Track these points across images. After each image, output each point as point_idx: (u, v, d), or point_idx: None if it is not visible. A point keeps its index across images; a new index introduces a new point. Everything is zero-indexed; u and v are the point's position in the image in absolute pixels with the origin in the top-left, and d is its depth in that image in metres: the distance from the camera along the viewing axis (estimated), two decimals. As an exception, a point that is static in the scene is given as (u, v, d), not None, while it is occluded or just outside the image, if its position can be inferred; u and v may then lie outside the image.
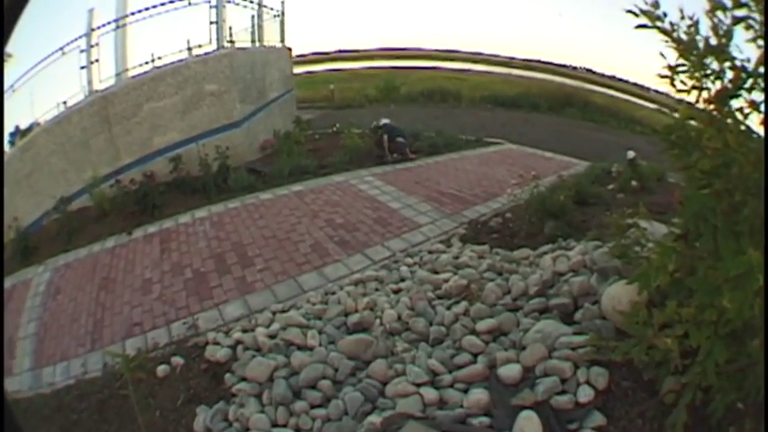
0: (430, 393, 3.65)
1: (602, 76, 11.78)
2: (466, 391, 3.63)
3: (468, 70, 13.43)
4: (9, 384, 5.58)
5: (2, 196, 7.63)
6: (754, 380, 2.51)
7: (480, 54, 13.02)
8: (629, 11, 2.88)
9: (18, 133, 9.31)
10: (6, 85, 8.56)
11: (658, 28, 2.85)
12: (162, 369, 4.79)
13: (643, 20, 2.86)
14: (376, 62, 13.97)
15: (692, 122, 2.86)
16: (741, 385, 2.60)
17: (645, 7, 2.85)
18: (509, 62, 12.77)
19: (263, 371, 4.20)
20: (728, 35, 2.68)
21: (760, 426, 2.57)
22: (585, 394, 3.26)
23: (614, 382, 3.30)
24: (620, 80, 11.16)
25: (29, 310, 7.01)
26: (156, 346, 5.40)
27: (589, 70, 12.04)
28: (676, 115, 2.94)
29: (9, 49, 7.85)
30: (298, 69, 13.67)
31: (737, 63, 2.69)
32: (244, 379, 4.30)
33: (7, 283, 7.72)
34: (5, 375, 5.72)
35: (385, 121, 10.24)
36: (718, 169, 2.64)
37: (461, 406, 3.51)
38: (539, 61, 12.49)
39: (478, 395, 3.49)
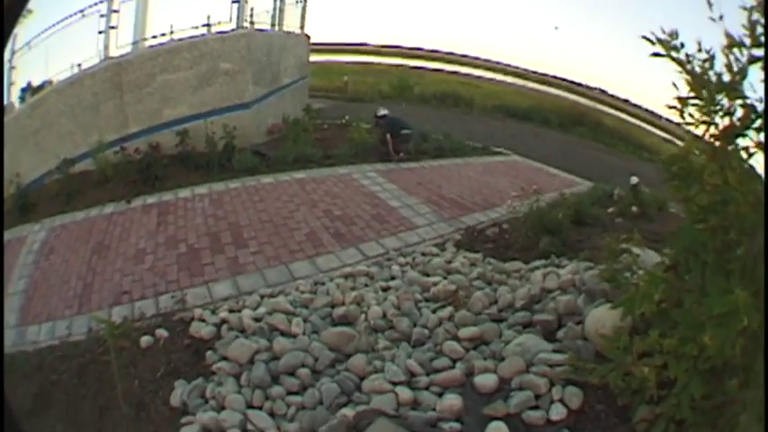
0: (405, 393, 3.68)
1: (616, 98, 11.71)
2: (441, 395, 3.65)
3: (484, 78, 13.40)
4: None
5: (2, 194, 7.73)
6: (730, 418, 2.51)
7: (497, 63, 12.98)
8: (645, 37, 2.88)
9: (29, 89, 9.35)
10: (23, 41, 8.69)
11: (672, 58, 2.84)
12: (145, 340, 4.81)
13: (658, 48, 2.85)
14: (392, 59, 13.97)
15: (696, 155, 2.86)
16: (716, 422, 2.60)
17: (661, 36, 2.85)
18: (525, 74, 12.77)
19: (245, 352, 4.24)
20: (743, 73, 2.69)
21: None
22: (558, 412, 3.28)
23: (588, 404, 3.30)
24: (634, 105, 11.14)
25: (20, 266, 7.04)
26: (143, 317, 5.42)
27: (603, 91, 11.97)
28: (681, 145, 2.95)
29: (30, 5, 7.94)
30: (314, 57, 13.69)
31: (748, 102, 2.69)
32: (225, 358, 4.32)
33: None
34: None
35: (384, 111, 10.25)
36: (715, 205, 2.65)
37: (434, 409, 3.53)
38: (554, 77, 12.48)
39: (452, 400, 3.51)
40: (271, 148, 10.08)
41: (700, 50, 2.81)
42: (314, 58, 13.69)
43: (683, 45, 2.85)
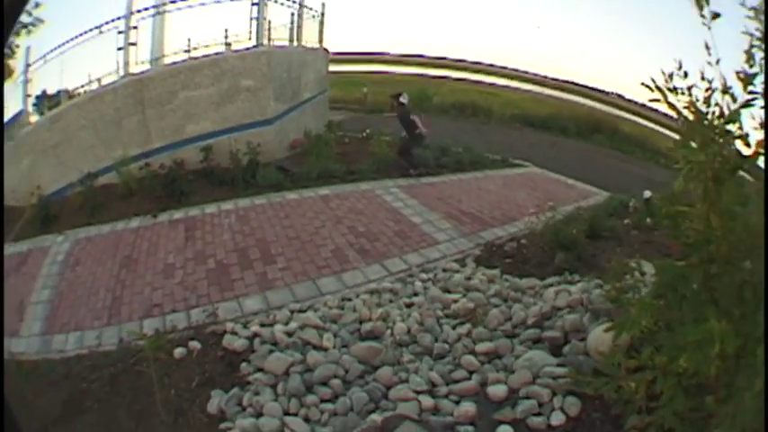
0: (427, 401, 4.09)
1: (632, 102, 11.48)
2: (458, 403, 4.06)
3: (502, 85, 13.44)
4: (14, 345, 5.75)
5: (1, 196, 7.92)
6: (711, 430, 2.75)
7: (515, 70, 12.81)
8: (644, 84, 3.10)
9: (44, 98, 9.45)
10: (38, 54, 8.91)
11: (668, 103, 3.05)
12: (179, 351, 5.02)
13: (657, 95, 3.05)
14: (411, 68, 13.70)
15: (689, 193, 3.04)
16: None
17: (660, 83, 3.04)
18: (543, 81, 12.60)
19: (281, 365, 4.57)
20: (734, 118, 2.88)
21: None
22: (558, 419, 3.67)
23: (585, 412, 3.65)
24: (651, 109, 11.01)
25: (44, 276, 7.15)
26: (175, 329, 5.57)
27: (620, 96, 11.71)
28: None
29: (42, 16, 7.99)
30: (333, 67, 13.54)
31: (734, 146, 2.89)
32: (260, 370, 4.64)
33: (23, 247, 7.97)
34: (11, 336, 5.91)
35: (405, 99, 10.13)
36: (699, 244, 2.90)
37: (452, 414, 3.93)
38: (571, 83, 12.24)
39: (467, 407, 3.94)
40: (294, 163, 10.12)
41: (703, 79, 2.97)
42: (333, 68, 13.57)
43: (686, 75, 3.02)
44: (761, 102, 2.79)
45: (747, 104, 2.83)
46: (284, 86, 10.73)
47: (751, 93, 2.80)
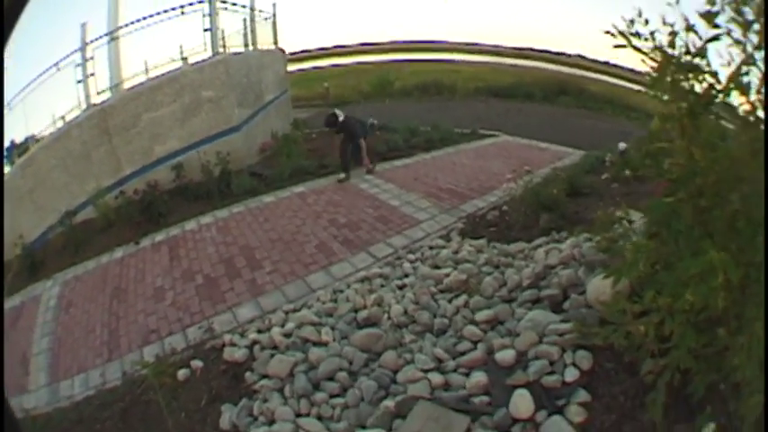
0: (436, 378, 3.98)
1: (595, 62, 11.63)
2: (468, 375, 3.96)
3: (460, 61, 13.41)
4: (25, 401, 5.68)
5: (1, 208, 7.65)
6: (729, 361, 2.66)
7: (472, 44, 12.94)
8: (608, 32, 3.04)
9: (14, 148, 9.36)
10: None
11: (633, 47, 2.99)
12: (182, 373, 4.95)
13: (620, 40, 3.01)
14: (369, 56, 13.92)
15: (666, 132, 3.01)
16: (720, 367, 2.76)
17: (622, 28, 2.99)
18: (502, 51, 12.72)
19: (284, 367, 4.47)
20: (702, 53, 2.83)
21: (742, 405, 2.65)
22: (571, 374, 3.58)
23: (598, 364, 3.58)
24: (614, 65, 10.99)
25: (41, 325, 7.09)
26: (175, 352, 5.50)
27: (581, 56, 11.93)
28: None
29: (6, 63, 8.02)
30: (291, 67, 13.70)
31: (708, 79, 2.84)
32: (265, 376, 4.55)
33: (16, 300, 7.86)
34: (21, 393, 5.86)
35: (341, 114, 9.90)
36: (685, 178, 2.86)
37: (464, 387, 3.85)
38: (531, 49, 12.46)
39: (478, 378, 3.84)
40: (266, 166, 10.19)
41: (664, 24, 2.91)
42: (292, 67, 13.72)
43: (647, 22, 2.97)
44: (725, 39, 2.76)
45: (713, 39, 2.79)
46: (246, 92, 10.73)
47: (716, 27, 2.76)
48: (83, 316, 6.96)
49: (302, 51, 13.66)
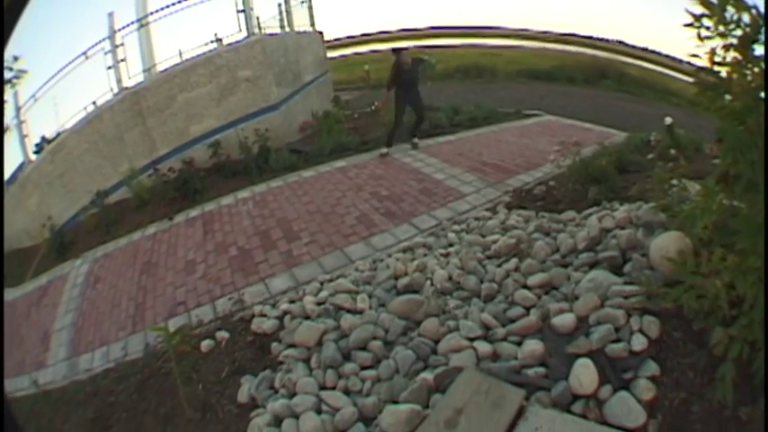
0: (483, 347, 3.70)
1: (635, 48, 11.54)
2: (520, 344, 3.67)
3: (502, 46, 13.27)
4: (42, 376, 5.72)
5: (1, 209, 7.88)
6: None
7: (513, 29, 12.80)
8: (688, 24, 2.90)
9: (44, 142, 9.52)
10: (27, 95, 9.00)
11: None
12: (206, 344, 4.81)
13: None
14: (409, 42, 13.83)
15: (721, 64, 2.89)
16: None
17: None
18: (542, 36, 12.65)
19: (312, 335, 4.25)
20: None
21: None
22: (639, 342, 3.28)
23: (666, 332, 3.32)
24: (654, 52, 10.93)
25: (66, 302, 7.13)
26: (201, 323, 5.42)
27: (622, 42, 11.76)
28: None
29: (23, 57, 8.09)
30: (331, 53, 13.82)
31: (753, 11, 2.72)
32: (292, 345, 4.34)
33: (42, 280, 8.10)
34: (38, 368, 5.94)
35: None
36: (749, 109, 2.69)
37: (516, 358, 3.56)
38: (572, 35, 12.32)
39: (533, 346, 3.54)
40: (306, 143, 10.19)
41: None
42: (332, 53, 13.82)
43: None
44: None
45: None
46: (284, 71, 10.73)
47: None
48: (110, 291, 6.97)
49: (341, 38, 13.72)
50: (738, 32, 2.76)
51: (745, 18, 2.73)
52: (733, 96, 2.81)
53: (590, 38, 12.14)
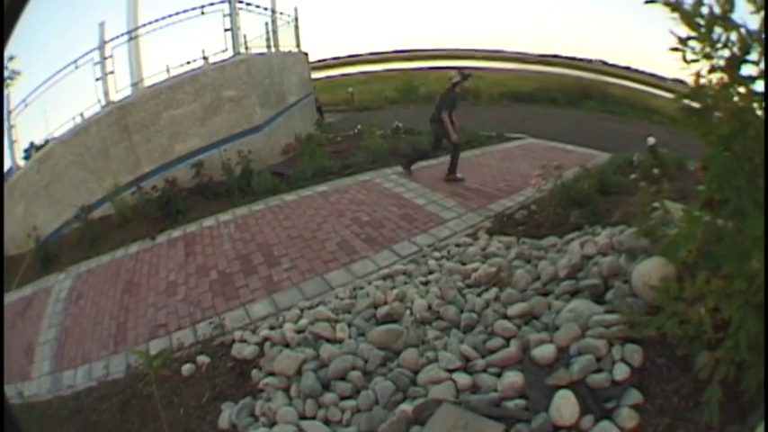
0: (463, 379, 3.71)
1: (617, 67, 11.54)
2: (499, 375, 3.67)
3: (485, 68, 13.42)
4: (27, 389, 5.72)
5: (1, 209, 7.84)
6: None
7: (495, 51, 12.92)
8: (674, 48, 2.92)
9: (33, 149, 9.42)
10: (18, 99, 8.78)
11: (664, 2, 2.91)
12: (187, 368, 4.84)
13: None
14: (394, 64, 13.88)
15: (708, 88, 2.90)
16: None
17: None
18: (524, 57, 12.70)
19: (292, 364, 4.25)
20: (731, 4, 2.75)
21: None
22: (621, 372, 3.29)
23: (649, 360, 3.33)
24: (636, 71, 10.97)
25: (49, 315, 7.08)
26: (182, 346, 5.44)
27: (604, 62, 11.76)
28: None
29: (18, 66, 7.93)
30: (316, 74, 13.70)
31: (742, 31, 2.74)
32: (272, 374, 4.36)
33: (27, 291, 7.89)
34: (23, 380, 5.90)
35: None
36: (735, 133, 2.69)
37: (495, 390, 3.56)
38: (553, 56, 12.38)
39: (513, 378, 3.55)
40: (288, 166, 10.10)
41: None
42: (317, 74, 13.70)
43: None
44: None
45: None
46: (268, 92, 10.70)
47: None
48: (92, 308, 6.94)
49: (326, 59, 13.69)
50: (725, 53, 2.78)
51: (733, 37, 2.76)
52: (720, 120, 2.82)
53: (571, 58, 12.23)
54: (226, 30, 10.22)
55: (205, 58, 10.08)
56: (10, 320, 7.38)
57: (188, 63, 9.94)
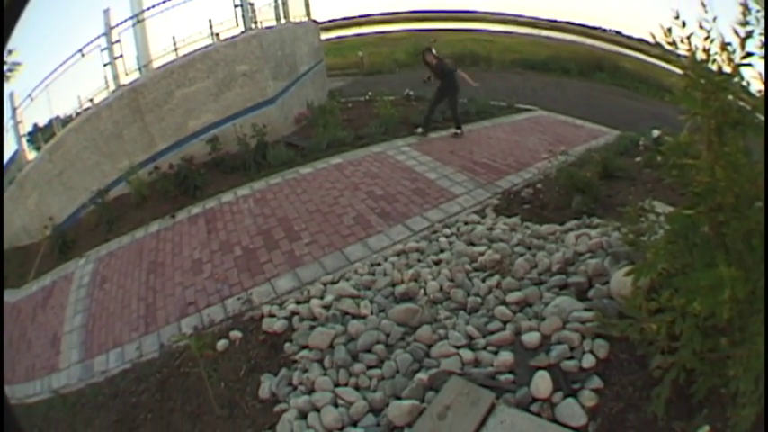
0: (467, 354, 4.26)
1: (631, 39, 11.66)
2: (496, 353, 4.24)
3: (497, 32, 13.37)
4: (54, 381, 5.90)
5: (1, 209, 8.04)
6: (731, 368, 2.88)
7: (509, 15, 12.95)
8: (644, 40, 3.20)
9: (37, 131, 9.55)
10: (23, 95, 9.06)
11: (669, 60, 3.22)
12: (221, 344, 5.14)
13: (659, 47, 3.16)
14: (403, 25, 13.96)
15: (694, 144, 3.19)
16: (722, 372, 2.96)
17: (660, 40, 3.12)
18: (538, 23, 12.75)
19: (325, 339, 4.71)
20: (736, 73, 2.94)
21: (735, 414, 2.85)
22: (588, 361, 3.86)
23: (613, 354, 3.85)
24: (649, 43, 10.87)
25: (73, 303, 7.19)
26: (213, 323, 5.67)
27: (619, 33, 11.91)
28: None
29: (19, 58, 8.14)
30: (324, 35, 13.82)
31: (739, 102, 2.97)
32: (304, 347, 4.80)
33: (47, 280, 8.13)
34: (50, 372, 6.09)
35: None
36: (706, 194, 3.02)
37: (492, 365, 4.14)
38: (567, 23, 12.42)
39: (505, 357, 4.13)
40: (302, 137, 10.35)
41: (701, 27, 2.97)
42: (325, 35, 13.83)
43: (684, 24, 3.05)
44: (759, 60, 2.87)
45: (745, 63, 2.92)
46: (280, 64, 10.84)
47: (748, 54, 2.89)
48: (118, 291, 7.07)
49: (335, 20, 13.83)
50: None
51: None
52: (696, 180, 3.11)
53: (586, 26, 12.29)
54: (235, 6, 10.45)
55: (216, 35, 10.29)
56: (30, 312, 7.64)
57: (198, 41, 10.14)
